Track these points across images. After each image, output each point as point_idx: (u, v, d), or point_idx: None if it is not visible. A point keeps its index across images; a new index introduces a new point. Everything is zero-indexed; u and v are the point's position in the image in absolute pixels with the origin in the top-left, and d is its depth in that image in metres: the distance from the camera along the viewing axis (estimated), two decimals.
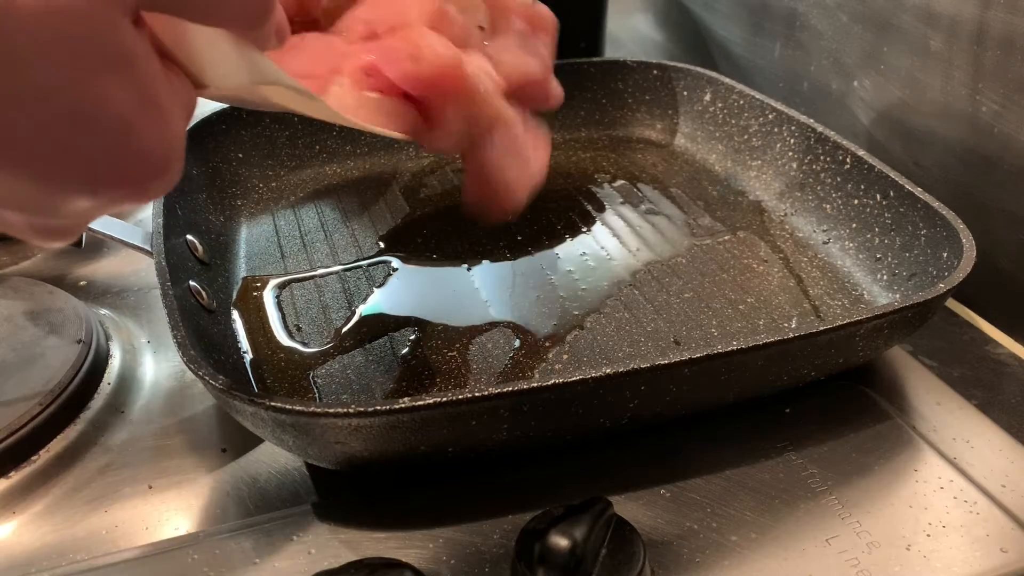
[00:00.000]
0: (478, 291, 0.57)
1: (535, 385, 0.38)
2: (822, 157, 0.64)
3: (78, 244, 0.52)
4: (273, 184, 0.70)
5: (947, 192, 0.58)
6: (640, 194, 0.70)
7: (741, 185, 0.70)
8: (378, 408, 0.36)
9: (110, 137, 0.25)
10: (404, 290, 0.58)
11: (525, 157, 0.47)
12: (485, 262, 0.61)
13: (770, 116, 0.70)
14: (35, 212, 0.27)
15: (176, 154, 0.27)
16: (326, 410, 0.36)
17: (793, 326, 0.54)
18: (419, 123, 0.43)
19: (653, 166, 0.75)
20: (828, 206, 0.63)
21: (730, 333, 0.53)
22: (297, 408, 0.37)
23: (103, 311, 0.57)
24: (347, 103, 0.41)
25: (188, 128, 0.74)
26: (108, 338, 0.54)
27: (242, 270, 0.59)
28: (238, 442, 0.46)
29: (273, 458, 0.45)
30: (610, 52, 0.93)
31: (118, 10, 0.24)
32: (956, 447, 0.46)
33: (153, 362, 0.53)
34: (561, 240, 0.64)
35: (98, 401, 0.49)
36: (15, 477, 0.44)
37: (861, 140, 0.74)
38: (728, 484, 0.43)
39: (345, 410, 0.36)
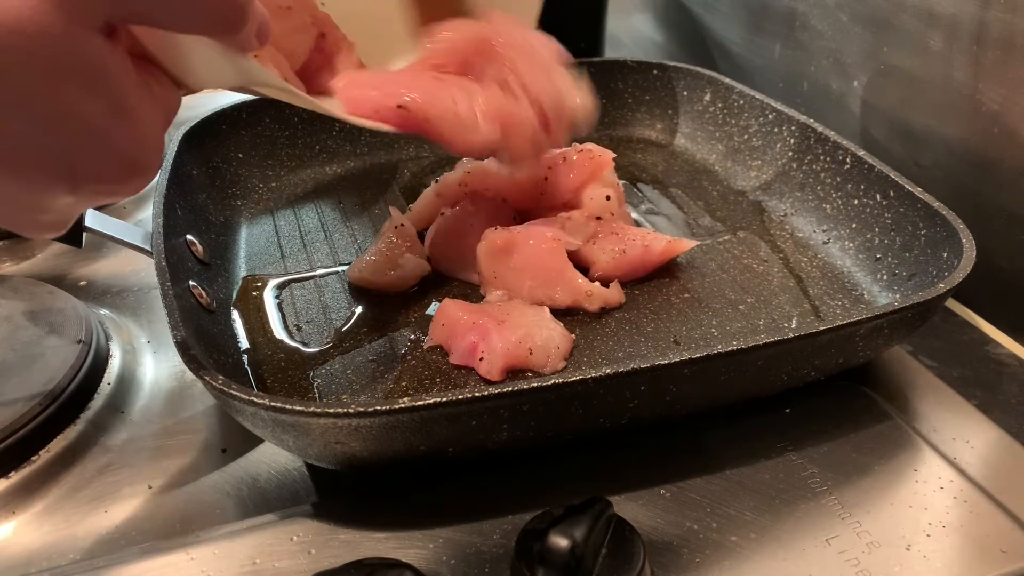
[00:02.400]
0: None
1: (535, 385, 0.38)
2: (822, 157, 0.64)
3: (78, 244, 0.52)
4: (273, 184, 0.70)
5: (947, 192, 0.58)
6: (640, 194, 0.70)
7: (741, 185, 0.70)
8: (378, 408, 0.36)
9: (82, 140, 0.27)
10: None
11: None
12: None
13: (770, 116, 0.70)
14: (23, 208, 0.28)
15: (150, 154, 0.29)
16: (326, 410, 0.36)
17: (793, 326, 0.54)
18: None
19: (653, 166, 0.75)
20: (828, 206, 0.63)
21: (730, 333, 0.53)
22: (297, 408, 0.37)
23: (103, 311, 0.57)
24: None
25: (189, 128, 0.74)
26: (108, 338, 0.54)
27: (242, 270, 0.59)
28: (238, 442, 0.46)
29: (273, 458, 0.45)
30: (610, 52, 0.93)
31: (83, 26, 0.25)
32: (956, 447, 0.46)
33: (153, 362, 0.53)
34: None
35: (98, 401, 0.49)
36: (15, 477, 0.44)
37: (861, 140, 0.74)
38: (728, 484, 0.43)
39: (345, 410, 0.36)
